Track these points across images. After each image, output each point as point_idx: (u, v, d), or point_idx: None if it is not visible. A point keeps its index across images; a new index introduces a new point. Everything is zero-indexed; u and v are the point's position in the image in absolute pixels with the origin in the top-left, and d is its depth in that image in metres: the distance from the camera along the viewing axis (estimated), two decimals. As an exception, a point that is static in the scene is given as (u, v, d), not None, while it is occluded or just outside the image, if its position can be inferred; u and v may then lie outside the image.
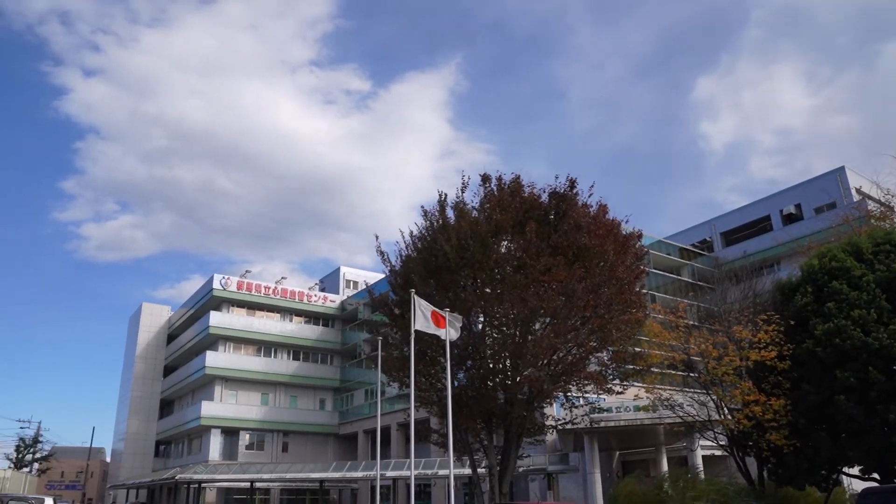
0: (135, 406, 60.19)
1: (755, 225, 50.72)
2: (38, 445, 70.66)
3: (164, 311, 64.73)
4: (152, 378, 61.58)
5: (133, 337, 63.81)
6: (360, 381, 54.46)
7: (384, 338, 24.03)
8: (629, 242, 22.49)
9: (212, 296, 54.20)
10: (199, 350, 55.32)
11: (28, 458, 69.65)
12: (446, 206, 22.44)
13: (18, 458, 68.89)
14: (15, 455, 69.07)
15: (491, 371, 21.76)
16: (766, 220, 50.00)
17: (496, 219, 20.86)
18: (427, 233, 22.71)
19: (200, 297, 57.00)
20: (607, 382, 22.46)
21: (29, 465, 69.67)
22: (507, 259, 21.11)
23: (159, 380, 61.79)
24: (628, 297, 21.66)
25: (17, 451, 69.44)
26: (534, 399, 22.17)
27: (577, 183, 21.77)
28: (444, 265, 21.33)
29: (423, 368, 22.00)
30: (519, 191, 21.63)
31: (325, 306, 58.56)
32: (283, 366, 55.41)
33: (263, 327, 55.19)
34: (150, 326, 63.02)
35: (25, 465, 69.07)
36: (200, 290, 58.15)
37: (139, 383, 60.86)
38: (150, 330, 62.82)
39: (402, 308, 22.76)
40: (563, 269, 20.01)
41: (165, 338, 63.35)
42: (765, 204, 50.55)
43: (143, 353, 61.81)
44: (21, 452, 69.41)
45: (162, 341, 63.15)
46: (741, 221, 51.77)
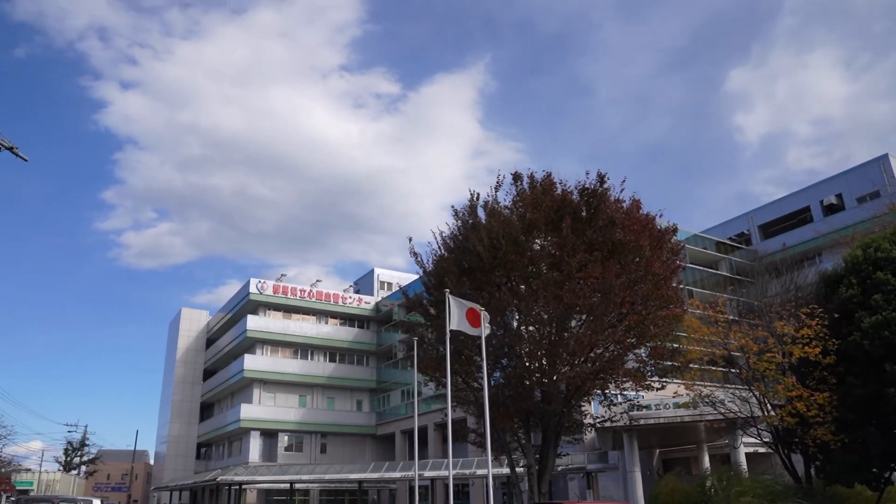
0: (176, 409, 61.35)
1: (794, 217, 49.63)
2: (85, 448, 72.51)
3: (202, 315, 65.92)
4: (192, 382, 62.73)
5: (173, 342, 65.08)
6: (397, 381, 54.74)
7: (419, 338, 24.13)
8: (664, 237, 22.24)
9: (249, 300, 55.04)
10: (238, 353, 56.20)
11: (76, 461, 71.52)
12: (477, 206, 22.46)
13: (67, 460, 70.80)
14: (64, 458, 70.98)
15: (527, 369, 21.71)
16: (806, 212, 48.90)
17: (529, 217, 20.80)
18: (459, 233, 22.74)
19: (238, 302, 57.92)
20: (646, 379, 22.21)
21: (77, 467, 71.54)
22: (541, 257, 21.02)
23: (199, 383, 62.90)
24: (665, 293, 21.40)
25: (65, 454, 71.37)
26: (571, 397, 22.05)
27: (606, 178, 21.64)
28: (477, 265, 21.36)
29: (460, 368, 22.03)
30: (551, 188, 21.54)
31: (359, 308, 59.02)
32: (319, 368, 56.00)
33: (300, 330, 55.84)
34: (190, 331, 64.20)
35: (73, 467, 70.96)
36: (237, 295, 59.09)
37: (180, 387, 62.03)
38: (189, 334, 64.01)
39: (436, 308, 22.81)
40: (599, 266, 19.87)
41: (204, 342, 64.48)
42: (804, 195, 49.44)
43: (182, 357, 63.01)
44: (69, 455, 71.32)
45: (201, 345, 64.28)
46: (780, 213, 50.71)
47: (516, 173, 22.16)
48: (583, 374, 20.61)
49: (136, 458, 75.47)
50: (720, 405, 24.82)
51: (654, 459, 39.10)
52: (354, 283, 65.84)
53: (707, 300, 30.37)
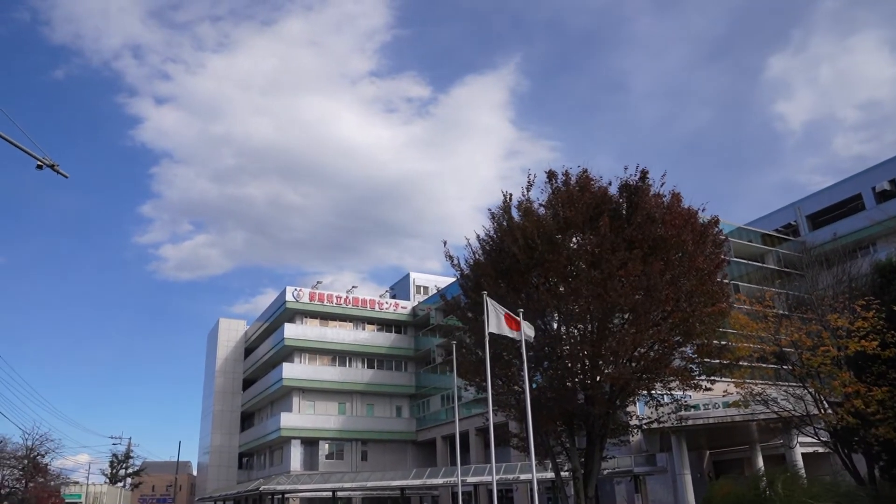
0: (217, 420, 62.34)
1: (845, 205, 48.28)
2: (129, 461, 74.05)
3: (240, 325, 66.88)
4: (232, 392, 63.67)
5: (212, 352, 66.18)
6: (436, 386, 54.78)
7: (458, 342, 24.10)
8: (707, 231, 21.88)
9: (285, 308, 55.68)
10: (276, 362, 56.88)
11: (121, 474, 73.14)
12: (511, 207, 22.43)
13: (112, 473, 72.44)
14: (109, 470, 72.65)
15: (569, 371, 21.55)
16: (857, 199, 47.53)
17: (565, 215, 20.68)
18: (495, 234, 22.71)
19: (274, 311, 58.64)
20: (693, 378, 21.88)
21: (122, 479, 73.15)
22: (579, 256, 20.86)
23: (239, 393, 63.83)
24: (710, 289, 21.07)
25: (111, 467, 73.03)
26: (616, 398, 21.82)
27: (648, 173, 21.33)
28: (513, 266, 21.31)
29: (500, 371, 21.96)
30: (588, 185, 21.39)
31: (396, 313, 59.28)
32: (358, 374, 56.38)
33: (337, 337, 56.30)
34: (228, 341, 65.19)
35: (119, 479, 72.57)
36: (274, 304, 59.83)
37: (220, 397, 63.02)
38: (227, 345, 64.99)
39: (474, 311, 22.76)
40: (640, 263, 19.64)
41: (243, 352, 65.42)
42: (855, 182, 48.06)
43: (222, 367, 64.00)
44: (115, 468, 72.96)
45: (239, 355, 65.23)
46: (829, 202, 49.40)
47: (550, 171, 22.05)
48: (627, 374, 20.40)
49: (179, 469, 76.90)
50: (773, 403, 24.28)
51: (704, 461, 38.39)
52: (391, 289, 66.16)
53: (754, 295, 29.76)
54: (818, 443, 24.96)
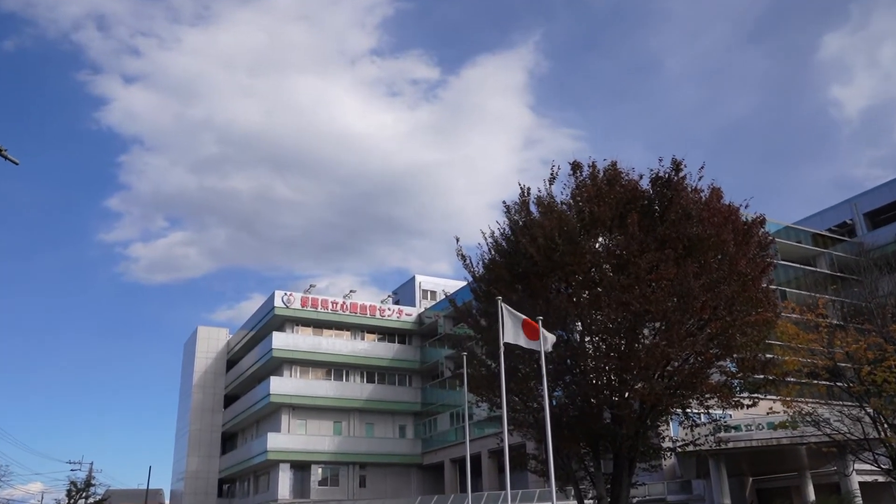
0: (194, 441, 62.85)
1: (908, 202, 48.50)
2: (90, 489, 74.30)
3: (221, 334, 67.40)
4: (212, 409, 64.21)
5: (189, 364, 66.73)
6: (444, 403, 55.26)
7: (469, 353, 24.50)
8: (751, 230, 22.24)
9: (274, 315, 56.20)
10: (263, 376, 57.43)
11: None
12: (529, 202, 22.79)
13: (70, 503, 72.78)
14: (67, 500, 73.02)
15: (594, 386, 21.92)
16: (923, 196, 47.74)
17: (591, 212, 21.03)
18: (510, 233, 23.08)
19: (261, 318, 59.18)
20: (734, 395, 22.23)
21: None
22: (604, 258, 21.23)
23: (220, 411, 64.38)
24: (753, 295, 21.42)
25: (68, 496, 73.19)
26: (646, 417, 22.20)
27: (683, 165, 21.67)
28: (531, 269, 21.69)
29: (516, 386, 22.34)
30: (616, 178, 21.71)
31: (400, 321, 59.78)
32: (356, 390, 56.88)
33: (332, 347, 56.82)
34: (208, 352, 65.72)
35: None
36: (261, 310, 60.38)
37: (198, 415, 63.55)
38: (207, 356, 65.52)
39: (488, 319, 23.17)
40: (673, 266, 20.01)
41: (224, 364, 65.92)
42: (921, 175, 48.20)
43: (200, 381, 64.48)
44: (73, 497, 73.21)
45: (221, 368, 65.77)
46: (890, 198, 49.55)
47: (575, 162, 22.36)
48: (658, 390, 20.79)
49: (149, 497, 77.42)
50: (825, 425, 24.58)
51: (746, 489, 38.73)
52: (393, 293, 66.66)
53: (804, 302, 30.10)
54: (878, 470, 25.26)
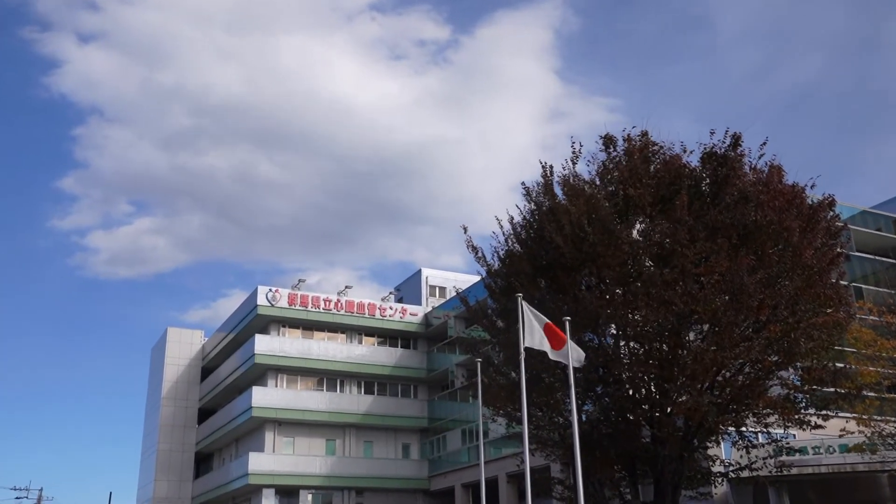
0: (163, 462, 63.27)
1: None
2: (39, 519, 74.92)
3: (195, 337, 67.70)
4: (184, 425, 64.59)
5: (157, 372, 67.11)
6: (455, 418, 55.38)
7: (484, 360, 24.57)
8: (817, 215, 22.21)
9: (256, 315, 56.34)
10: (244, 386, 57.70)
11: (26, 538, 74.01)
12: (553, 183, 22.86)
13: (13, 537, 73.27)
14: (9, 534, 73.50)
15: (631, 399, 21.98)
16: None
17: (626, 194, 21.02)
18: (532, 219, 23.12)
19: (242, 318, 59.39)
20: (798, 412, 22.26)
21: (29, 544, 74.14)
22: (644, 248, 21.23)
23: (193, 427, 64.75)
24: (821, 292, 21.43)
25: (11, 529, 73.82)
26: (693, 436, 22.24)
27: (741, 139, 21.61)
28: (557, 261, 21.78)
29: (539, 398, 22.43)
30: (656, 154, 21.67)
31: (404, 322, 59.89)
32: (352, 402, 57.04)
33: (325, 353, 56.97)
34: (179, 358, 66.05)
35: (24, 545, 73.50)
36: (242, 309, 60.59)
37: (167, 432, 63.94)
38: (178, 363, 65.84)
39: (505, 319, 23.23)
40: (726, 258, 20.01)
41: (199, 372, 66.24)
42: None
43: (171, 392, 64.84)
44: (16, 530, 73.74)
45: (195, 377, 66.11)
46: None
47: (607, 136, 22.37)
48: (707, 404, 20.79)
49: (113, 527, 77.99)
50: (910, 448, 24.52)
51: (814, 523, 38.74)
52: (396, 290, 66.75)
53: (884, 301, 29.94)
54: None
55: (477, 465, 27.26)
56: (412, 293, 64.69)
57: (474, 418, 46.08)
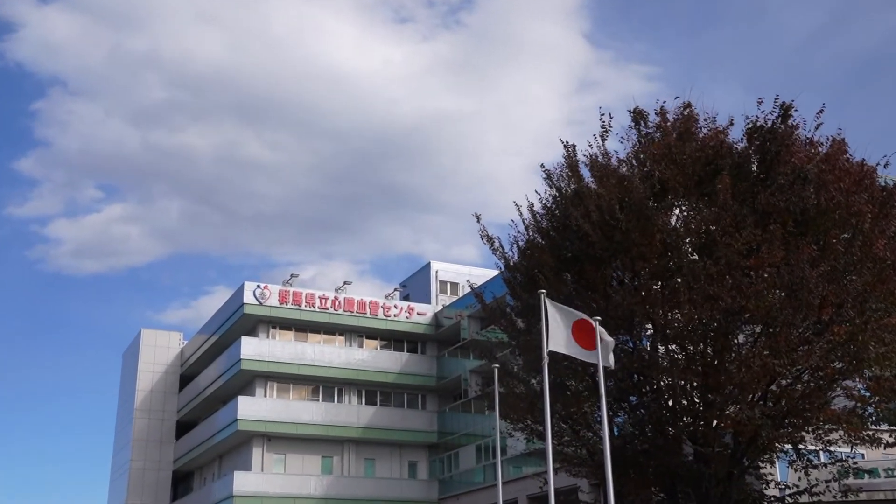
0: (136, 482, 63.44)
1: None
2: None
3: (173, 340, 67.87)
4: (160, 440, 64.79)
5: (129, 380, 67.25)
6: (469, 432, 55.36)
7: (502, 366, 24.50)
8: (892, 199, 22.01)
9: (243, 314, 56.41)
10: (228, 395, 57.82)
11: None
12: (578, 164, 22.79)
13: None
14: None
15: (670, 410, 21.92)
16: None
17: (661, 176, 20.89)
18: (556, 205, 23.12)
19: (226, 318, 59.51)
20: (866, 427, 22.12)
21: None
22: (683, 236, 21.13)
23: (170, 442, 64.97)
24: (894, 289, 21.21)
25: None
26: (743, 453, 22.17)
27: (793, 109, 21.43)
28: (585, 252, 21.72)
29: (564, 409, 22.39)
30: (694, 130, 21.53)
31: (410, 322, 59.83)
32: (352, 414, 57.07)
33: (321, 357, 56.96)
34: (155, 364, 66.19)
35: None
36: (226, 308, 60.72)
37: (141, 448, 64.11)
38: (153, 369, 65.97)
39: (527, 319, 23.15)
40: (780, 247, 19.87)
41: (177, 380, 66.43)
42: None
43: (145, 403, 64.97)
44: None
45: (172, 385, 66.27)
46: None
47: (637, 110, 22.26)
48: (759, 417, 20.63)
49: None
50: None
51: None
52: (402, 286, 66.73)
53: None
54: None
55: (494, 486, 27.27)
56: (420, 290, 64.69)
57: (491, 432, 45.88)
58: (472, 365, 53.21)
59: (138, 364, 65.67)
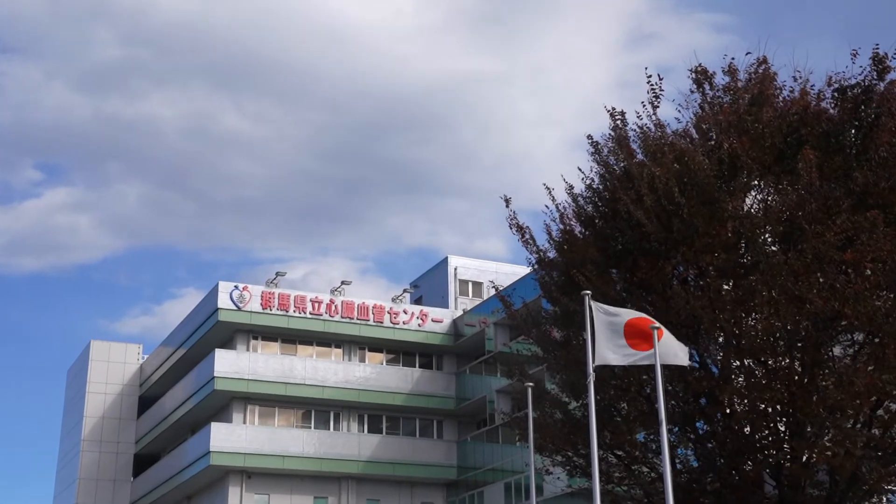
0: (85, 530, 63.61)
1: None
2: None
3: (130, 354, 67.89)
4: (113, 478, 64.81)
5: (76, 404, 67.21)
6: (496, 467, 55.33)
7: (536, 384, 24.46)
8: None
9: (217, 322, 56.42)
10: (198, 422, 57.96)
11: None
12: (627, 137, 22.78)
13: None
14: None
15: (747, 441, 21.83)
16: None
17: (731, 149, 20.84)
18: (603, 188, 23.09)
19: (197, 326, 59.54)
20: None
21: None
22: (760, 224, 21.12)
23: (126, 481, 65.07)
24: None
25: None
26: (842, 496, 22.05)
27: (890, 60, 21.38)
28: (638, 245, 21.78)
29: (614, 439, 22.38)
30: (772, 92, 21.43)
31: (423, 331, 59.78)
32: (351, 444, 57.07)
33: (313, 375, 56.91)
34: (108, 383, 66.18)
35: None
36: (197, 314, 60.77)
37: (89, 488, 64.05)
38: (105, 390, 65.90)
39: (565, 327, 23.12)
40: (886, 238, 19.74)
41: (135, 404, 66.49)
42: None
43: (95, 432, 64.90)
44: None
45: (130, 410, 66.33)
46: None
47: (700, 69, 22.19)
48: (862, 450, 20.60)
49: None
50: None
51: None
52: (413, 287, 66.65)
53: None
54: None
55: (527, 535, 27.23)
56: (435, 291, 64.69)
57: (523, 468, 45.80)
58: (500, 384, 53.14)
59: (87, 384, 65.57)
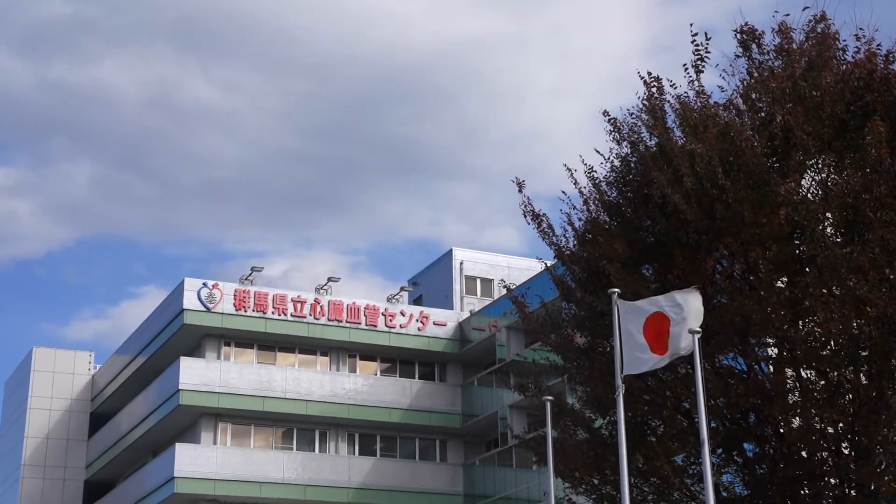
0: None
1: None
2: None
3: (80, 363, 67.94)
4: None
5: (17, 421, 67.34)
6: (509, 494, 55.45)
7: (556, 398, 24.61)
8: None
9: (183, 325, 56.44)
10: (160, 443, 58.16)
11: None
12: (663, 107, 22.88)
13: None
14: None
15: (804, 464, 22.00)
16: None
17: (783, 123, 21.01)
18: (633, 168, 23.33)
19: (159, 331, 59.63)
20: None
21: None
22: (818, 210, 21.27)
23: (75, 513, 65.33)
24: None
25: None
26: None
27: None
28: (673, 236, 21.91)
29: (647, 463, 22.54)
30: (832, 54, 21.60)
31: (424, 335, 59.86)
32: (340, 468, 57.18)
33: (295, 387, 57.00)
34: (53, 398, 66.19)
35: None
36: (158, 317, 60.86)
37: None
38: (51, 405, 65.89)
39: (589, 331, 23.31)
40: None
41: (86, 421, 66.63)
42: None
43: (37, 456, 64.82)
44: None
45: (80, 429, 66.46)
46: None
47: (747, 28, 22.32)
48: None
49: None
50: None
51: None
52: (412, 284, 66.75)
53: None
54: None
55: (545, 575, 27.47)
56: (438, 289, 64.85)
57: (540, 496, 45.91)
58: (513, 398, 53.14)
59: (28, 399, 65.65)
